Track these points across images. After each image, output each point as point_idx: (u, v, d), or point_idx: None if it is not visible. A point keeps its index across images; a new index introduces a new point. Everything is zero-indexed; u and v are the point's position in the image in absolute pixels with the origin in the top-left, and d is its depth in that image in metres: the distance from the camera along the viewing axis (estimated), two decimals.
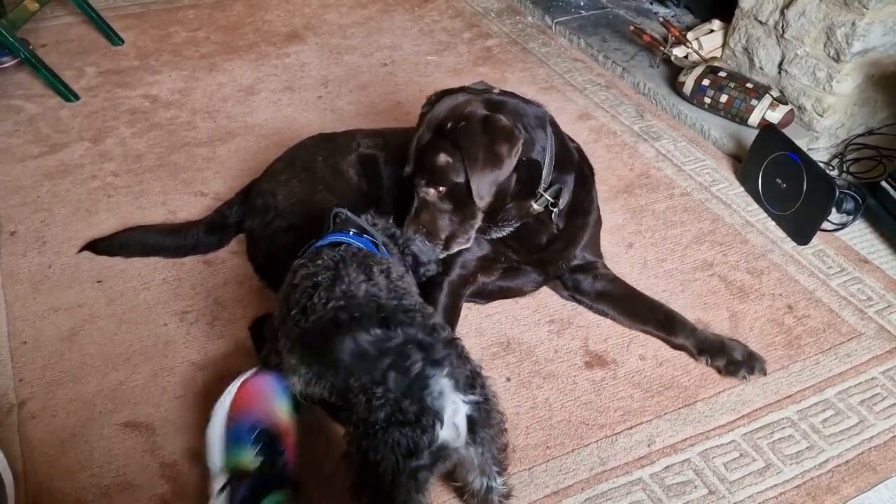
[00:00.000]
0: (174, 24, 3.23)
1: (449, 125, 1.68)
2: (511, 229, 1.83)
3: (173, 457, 1.61)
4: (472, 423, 1.27)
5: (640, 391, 1.79)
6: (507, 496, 1.46)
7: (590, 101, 2.83)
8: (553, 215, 1.81)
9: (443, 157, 1.67)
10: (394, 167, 1.94)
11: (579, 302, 1.99)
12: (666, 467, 1.63)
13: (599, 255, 2.01)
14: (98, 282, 2.00)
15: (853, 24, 2.32)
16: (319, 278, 1.38)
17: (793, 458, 1.66)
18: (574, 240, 1.91)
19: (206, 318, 1.92)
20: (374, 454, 1.20)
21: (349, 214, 1.57)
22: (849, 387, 1.82)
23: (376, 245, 1.53)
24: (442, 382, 1.21)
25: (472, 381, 1.26)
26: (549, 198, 1.78)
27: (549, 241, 1.87)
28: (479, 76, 2.95)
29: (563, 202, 1.81)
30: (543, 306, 1.99)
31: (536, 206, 1.79)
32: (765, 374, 1.81)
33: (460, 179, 1.68)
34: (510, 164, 1.67)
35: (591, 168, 1.95)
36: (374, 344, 1.22)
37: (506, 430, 1.39)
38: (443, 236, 1.74)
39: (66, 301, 1.95)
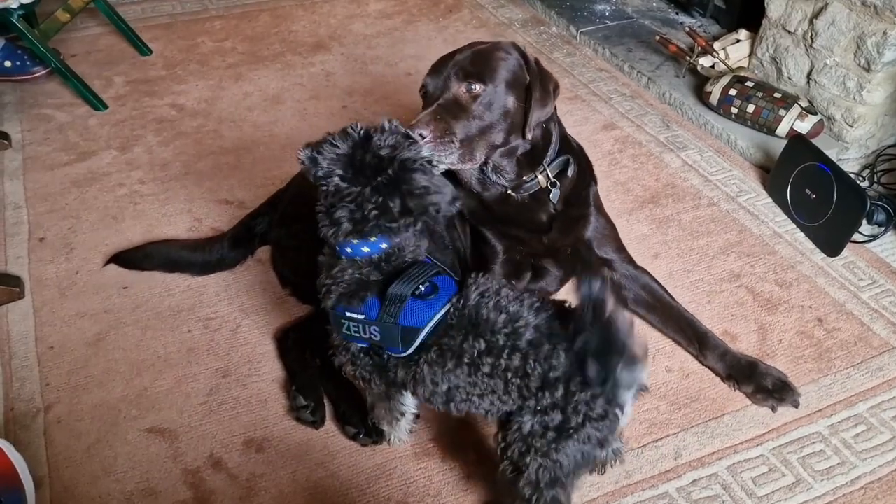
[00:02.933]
0: (201, 35, 3.26)
1: (501, 45, 1.73)
2: (502, 184, 1.78)
3: (196, 463, 1.61)
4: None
5: (666, 403, 1.76)
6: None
7: (615, 111, 2.82)
8: (552, 194, 1.78)
9: (502, 53, 1.69)
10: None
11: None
12: (693, 481, 1.60)
13: (619, 252, 1.94)
14: (124, 288, 2.02)
15: (884, 33, 2.29)
16: (474, 350, 1.33)
17: (823, 473, 1.62)
18: (576, 224, 1.86)
19: (230, 326, 1.93)
20: (557, 455, 1.28)
21: (407, 271, 1.39)
22: (881, 401, 1.78)
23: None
24: (625, 374, 1.24)
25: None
26: (550, 173, 1.77)
27: (550, 220, 1.82)
28: None
29: (570, 172, 1.80)
30: None
31: (541, 178, 1.77)
32: (797, 406, 1.74)
33: (505, 81, 1.67)
34: (551, 108, 1.73)
35: (591, 166, 1.93)
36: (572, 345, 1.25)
37: None
38: (461, 138, 1.65)
39: (92, 307, 1.96)
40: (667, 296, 1.93)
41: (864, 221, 2.20)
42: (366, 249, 1.36)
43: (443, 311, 1.35)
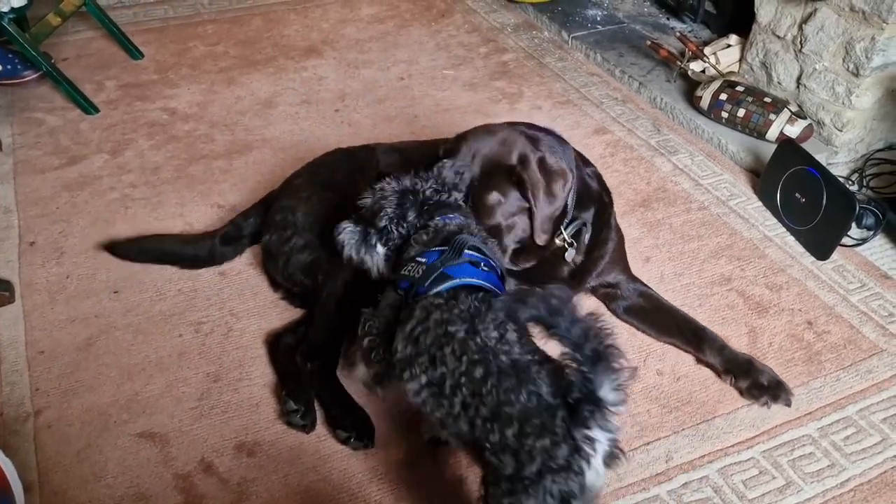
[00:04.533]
0: (193, 39, 3.26)
1: (501, 165, 1.66)
2: (529, 265, 1.82)
3: (187, 468, 1.61)
4: (611, 461, 1.23)
5: (657, 406, 1.77)
6: None
7: (606, 116, 2.83)
8: (567, 255, 1.81)
9: (494, 196, 1.66)
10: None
11: (612, 311, 1.99)
12: (684, 484, 1.61)
13: (625, 273, 1.98)
14: (114, 292, 2.01)
15: (872, 38, 2.31)
16: (453, 329, 1.31)
17: (813, 476, 1.63)
18: (595, 266, 1.91)
19: (221, 330, 1.92)
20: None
21: (479, 246, 1.45)
22: (870, 404, 1.79)
23: (502, 278, 1.47)
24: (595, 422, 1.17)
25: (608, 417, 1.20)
26: (567, 237, 1.78)
27: (572, 273, 1.87)
28: (495, 90, 2.96)
29: (583, 240, 1.83)
30: None
31: (558, 242, 1.79)
32: (789, 405, 1.76)
33: (502, 220, 1.68)
34: (562, 201, 1.71)
35: (608, 192, 1.93)
36: (549, 393, 1.19)
37: None
38: None
39: (82, 311, 1.96)
40: (662, 300, 1.96)
41: (854, 225, 2.22)
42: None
43: (472, 284, 1.37)
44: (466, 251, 1.41)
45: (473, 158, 1.67)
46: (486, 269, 1.42)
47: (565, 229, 1.78)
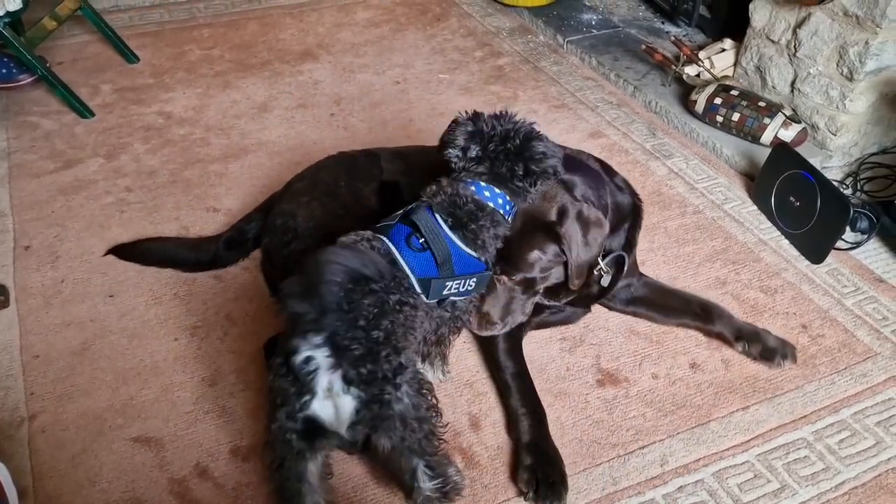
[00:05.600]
0: (189, 43, 3.26)
1: (541, 221, 1.67)
2: (568, 300, 1.84)
3: (182, 472, 1.60)
4: (362, 417, 1.32)
5: (652, 410, 1.77)
6: (443, 499, 1.48)
7: (601, 119, 2.84)
8: (602, 279, 1.84)
9: (536, 254, 1.67)
10: (416, 193, 1.93)
11: (610, 308, 2.01)
12: (679, 488, 1.61)
13: (637, 272, 2.00)
14: (110, 296, 2.01)
15: (866, 42, 2.32)
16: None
17: (808, 479, 1.63)
18: (621, 281, 1.92)
19: (217, 334, 1.92)
20: (272, 395, 1.34)
21: (422, 228, 1.49)
22: (865, 407, 1.79)
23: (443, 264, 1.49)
24: (318, 358, 1.27)
25: (366, 379, 1.29)
26: (605, 267, 1.79)
27: (600, 292, 1.90)
28: (490, 94, 2.96)
29: (625, 268, 1.85)
30: None
31: (595, 273, 1.80)
32: (795, 361, 1.86)
33: (539, 274, 1.69)
34: (598, 249, 1.72)
35: (637, 195, 1.92)
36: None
37: (432, 436, 1.42)
38: (504, 318, 1.73)
39: (77, 315, 1.95)
40: (664, 284, 2.02)
41: (848, 229, 2.23)
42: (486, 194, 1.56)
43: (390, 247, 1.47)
44: (414, 218, 1.50)
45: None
46: (417, 248, 1.48)
47: (602, 260, 1.79)
